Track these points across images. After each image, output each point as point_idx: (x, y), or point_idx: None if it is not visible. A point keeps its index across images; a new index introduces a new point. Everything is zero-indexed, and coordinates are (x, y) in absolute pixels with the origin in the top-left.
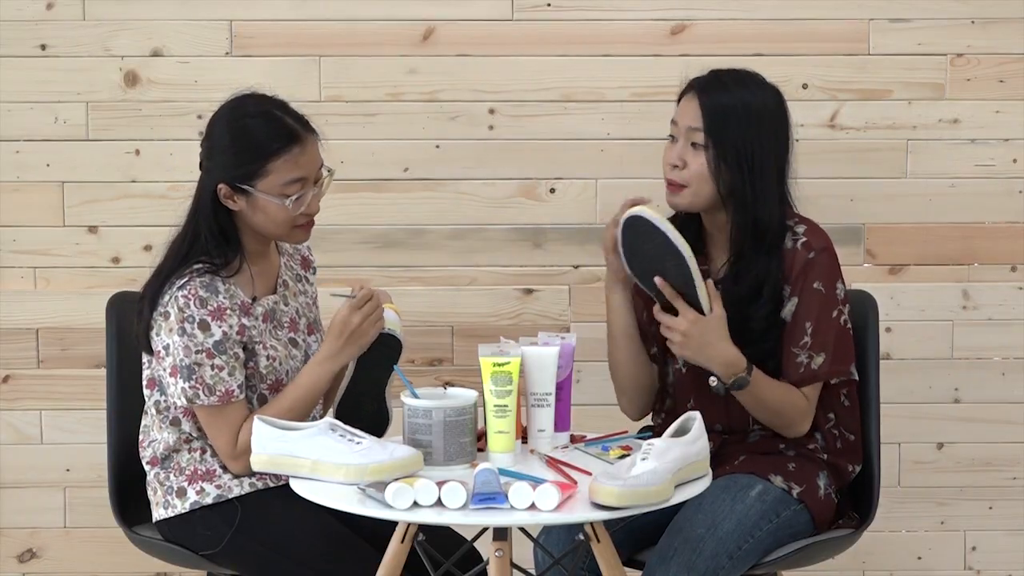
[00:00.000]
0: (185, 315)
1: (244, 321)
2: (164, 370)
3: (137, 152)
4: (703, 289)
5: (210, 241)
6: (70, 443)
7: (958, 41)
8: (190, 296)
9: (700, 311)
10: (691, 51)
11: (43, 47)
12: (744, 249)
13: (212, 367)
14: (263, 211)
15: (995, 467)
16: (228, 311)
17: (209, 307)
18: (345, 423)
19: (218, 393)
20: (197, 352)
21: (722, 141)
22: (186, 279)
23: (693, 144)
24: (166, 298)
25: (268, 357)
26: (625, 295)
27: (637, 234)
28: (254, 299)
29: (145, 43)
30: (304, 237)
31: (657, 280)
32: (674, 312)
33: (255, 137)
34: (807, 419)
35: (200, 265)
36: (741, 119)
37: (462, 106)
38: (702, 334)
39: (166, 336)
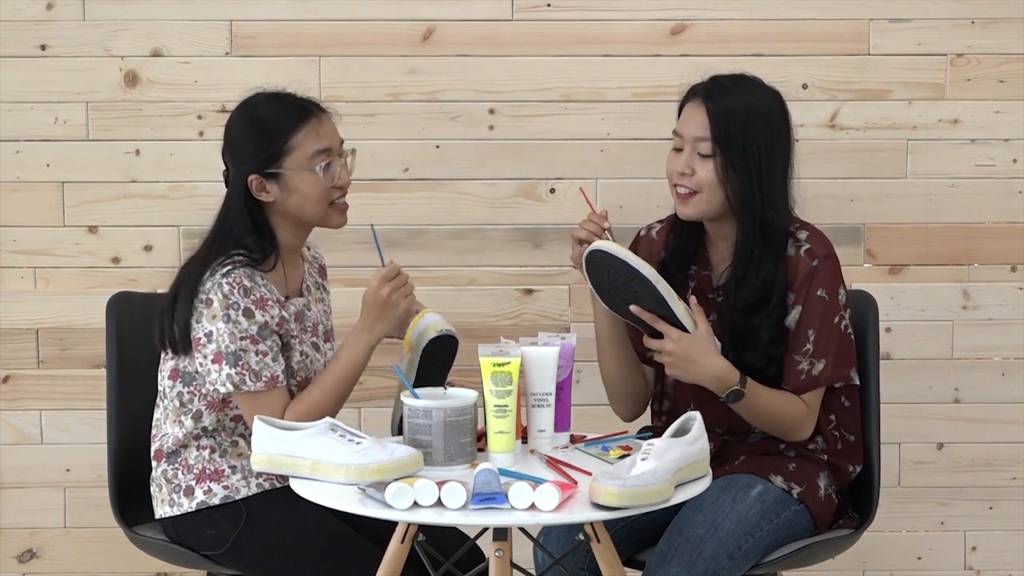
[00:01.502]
0: (230, 302)
1: (284, 313)
2: (205, 357)
3: (137, 152)
4: (680, 308)
5: (247, 238)
6: (70, 443)
7: (958, 41)
8: (234, 284)
9: (685, 330)
10: (691, 51)
11: (43, 47)
12: (753, 254)
13: (257, 353)
14: (296, 191)
15: (995, 467)
16: (270, 302)
17: (252, 296)
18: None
19: (264, 378)
20: (242, 338)
21: (730, 148)
22: (228, 267)
23: (700, 154)
24: (208, 285)
25: (301, 353)
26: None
27: (600, 269)
28: (287, 298)
29: (145, 43)
30: (342, 220)
31: (633, 308)
32: (659, 336)
33: (270, 120)
34: (808, 425)
35: (241, 256)
36: (746, 123)
37: (462, 106)
38: (686, 352)
39: (208, 323)
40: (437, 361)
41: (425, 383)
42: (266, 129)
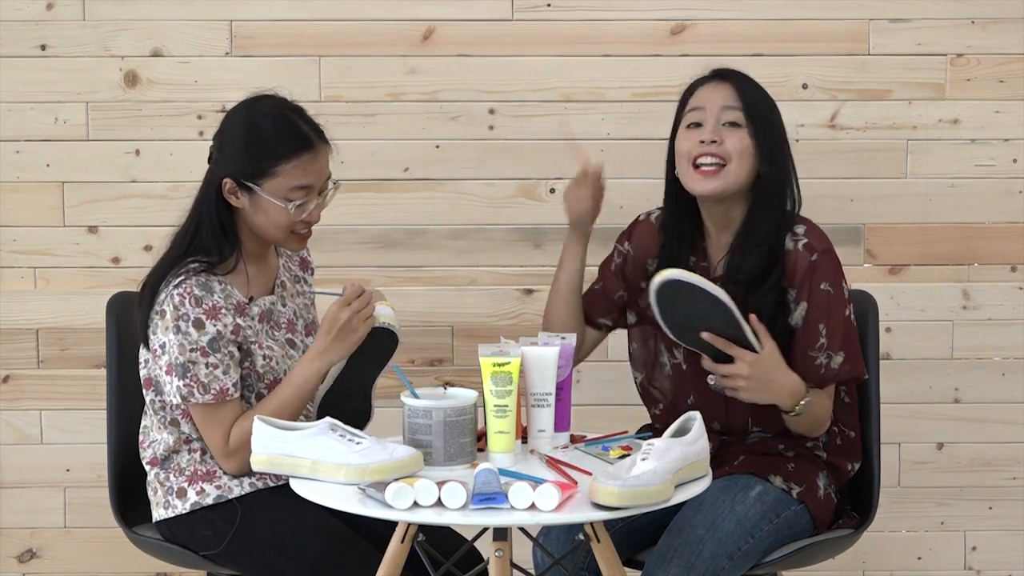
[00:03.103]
0: (180, 313)
1: (239, 321)
2: (160, 368)
3: (137, 152)
4: (748, 328)
5: (209, 235)
6: (70, 443)
7: (958, 41)
8: (185, 294)
9: (752, 350)
10: (691, 51)
11: (43, 47)
12: (759, 234)
13: (207, 365)
14: (264, 212)
15: (995, 467)
16: (223, 310)
17: (204, 306)
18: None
19: (212, 391)
20: (192, 350)
21: (759, 119)
22: (182, 277)
23: (728, 123)
24: (162, 296)
25: (264, 357)
26: (582, 246)
27: (671, 298)
28: (250, 299)
29: (145, 43)
30: (299, 247)
31: (705, 335)
32: (726, 359)
33: (268, 137)
34: (830, 418)
35: (196, 264)
36: (768, 104)
37: (462, 106)
38: (764, 373)
39: (162, 335)
40: (367, 350)
41: (349, 371)
42: (259, 145)
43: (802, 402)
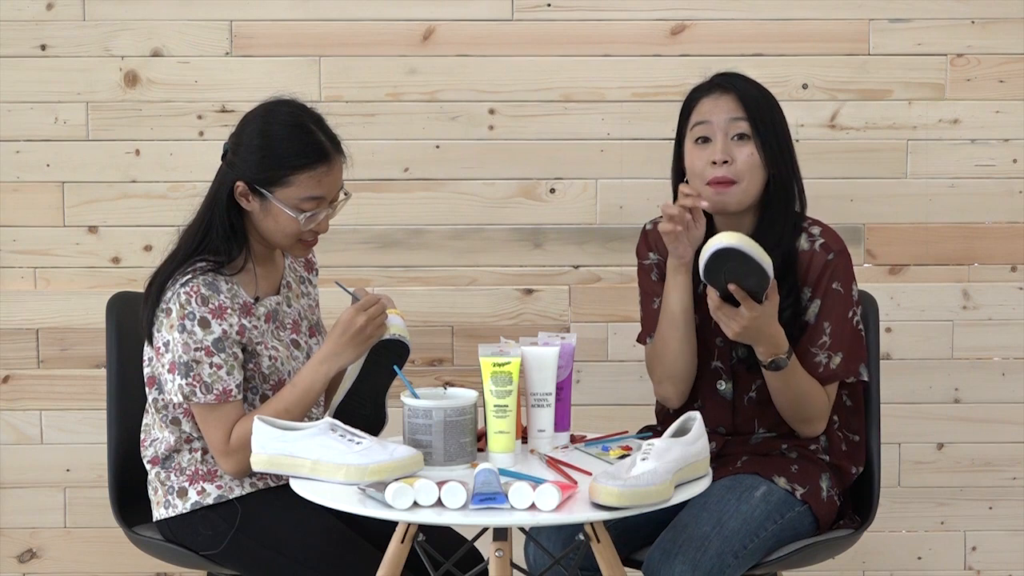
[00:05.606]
0: (186, 312)
1: (244, 321)
2: (163, 366)
3: (137, 152)
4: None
5: (220, 235)
6: (70, 443)
7: (958, 41)
8: (192, 293)
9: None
10: (691, 51)
11: (43, 47)
12: (783, 238)
13: (211, 365)
14: (274, 219)
15: (995, 467)
16: (229, 310)
17: (210, 305)
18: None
19: (215, 391)
20: (196, 349)
21: (765, 127)
22: (189, 276)
23: (736, 136)
24: (169, 294)
25: (270, 357)
26: (689, 277)
27: (724, 261)
28: (256, 299)
29: (145, 43)
30: (303, 254)
31: (731, 287)
32: (733, 303)
33: (285, 146)
34: (825, 418)
35: (204, 263)
36: (771, 106)
37: (462, 106)
38: (759, 327)
39: (167, 333)
40: (381, 360)
41: (361, 382)
42: (274, 154)
43: (777, 355)
